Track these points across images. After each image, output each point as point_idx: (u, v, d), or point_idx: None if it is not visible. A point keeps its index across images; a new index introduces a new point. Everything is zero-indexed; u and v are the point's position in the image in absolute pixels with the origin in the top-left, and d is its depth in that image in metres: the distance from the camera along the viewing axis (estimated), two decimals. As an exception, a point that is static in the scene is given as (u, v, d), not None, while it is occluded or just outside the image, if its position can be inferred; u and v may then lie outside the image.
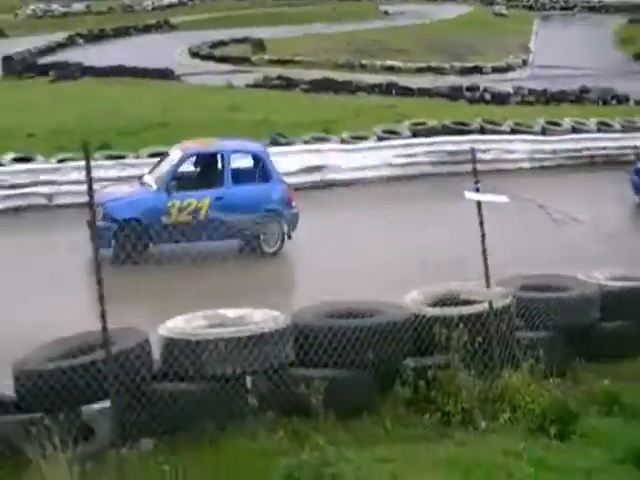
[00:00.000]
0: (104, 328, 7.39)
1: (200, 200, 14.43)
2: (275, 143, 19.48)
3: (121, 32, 51.29)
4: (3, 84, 31.77)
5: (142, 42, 47.59)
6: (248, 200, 14.58)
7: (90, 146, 17.27)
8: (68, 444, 7.22)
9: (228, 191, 14.64)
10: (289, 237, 14.85)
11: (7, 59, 36.38)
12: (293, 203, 15.03)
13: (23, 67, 35.80)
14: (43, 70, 34.49)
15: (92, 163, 16.45)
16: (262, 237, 14.68)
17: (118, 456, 7.45)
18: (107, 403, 7.61)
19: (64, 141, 20.50)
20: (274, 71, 34.55)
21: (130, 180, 16.17)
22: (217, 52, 43.49)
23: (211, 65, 39.54)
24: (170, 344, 7.97)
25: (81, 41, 48.07)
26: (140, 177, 15.58)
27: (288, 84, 31.65)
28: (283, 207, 14.90)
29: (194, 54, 43.24)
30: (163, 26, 54.95)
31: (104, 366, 7.43)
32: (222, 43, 45.52)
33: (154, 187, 14.65)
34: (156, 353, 8.10)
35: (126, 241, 13.85)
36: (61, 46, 45.60)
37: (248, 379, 8.16)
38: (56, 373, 7.57)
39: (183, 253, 13.79)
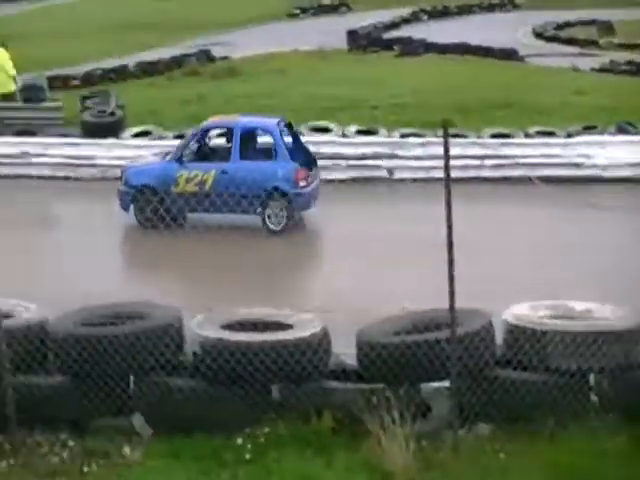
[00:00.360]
0: (451, 307, 7.35)
1: (206, 172, 14.85)
2: (623, 131, 18.63)
3: (464, 10, 51.20)
4: (349, 57, 32.62)
5: (483, 20, 47.30)
6: (252, 176, 14.54)
7: (432, 124, 17.65)
8: (406, 419, 7.27)
9: (233, 165, 14.81)
10: (293, 217, 14.79)
11: (352, 33, 37.27)
12: (301, 183, 14.81)
13: (368, 41, 36.59)
14: (387, 45, 35.11)
15: (433, 139, 16.64)
16: (267, 215, 14.69)
17: (454, 437, 7.41)
18: (446, 383, 7.58)
19: (406, 115, 20.79)
20: (623, 56, 33.12)
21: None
22: (563, 34, 42.38)
23: (555, 47, 38.59)
24: (515, 331, 7.78)
25: (425, 17, 48.51)
26: None
27: (638, 70, 30.16)
28: (289, 186, 14.68)
29: (538, 35, 42.35)
30: (507, 5, 54.25)
31: (448, 346, 7.40)
32: (568, 24, 44.32)
33: (169, 158, 15.38)
34: (498, 338, 7.95)
35: (144, 206, 14.72)
36: (405, 21, 46.22)
37: (592, 376, 7.83)
38: (400, 347, 7.60)
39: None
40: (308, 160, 15.39)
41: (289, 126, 15.65)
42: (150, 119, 20.72)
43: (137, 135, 19.45)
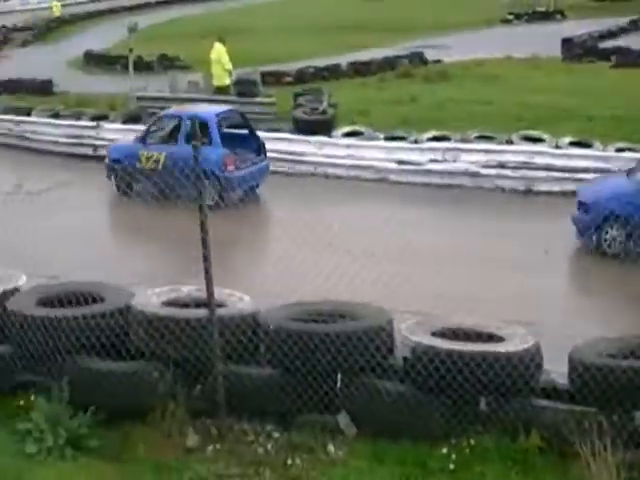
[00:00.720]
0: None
1: (159, 153, 17.34)
2: None
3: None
4: (562, 66, 31.88)
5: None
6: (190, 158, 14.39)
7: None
8: (618, 447, 7.00)
9: (178, 149, 16.65)
10: (221, 199, 16.20)
11: (567, 41, 36.41)
12: (229, 167, 16.70)
13: (583, 50, 35.67)
14: (604, 55, 34.10)
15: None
16: None
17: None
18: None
19: (622, 128, 20.09)
20: None
21: None
22: None
23: None
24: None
25: (644, 28, 46.87)
26: None
27: None
28: (218, 169, 16.48)
29: None
30: None
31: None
32: None
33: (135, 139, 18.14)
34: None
35: (120, 176, 17.70)
36: (623, 31, 44.78)
37: None
38: (616, 371, 7.33)
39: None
40: (256, 150, 17.62)
41: (244, 119, 17.96)
42: (360, 119, 20.90)
43: (347, 134, 19.64)
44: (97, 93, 27.86)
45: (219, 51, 23.03)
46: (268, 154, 17.75)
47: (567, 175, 17.27)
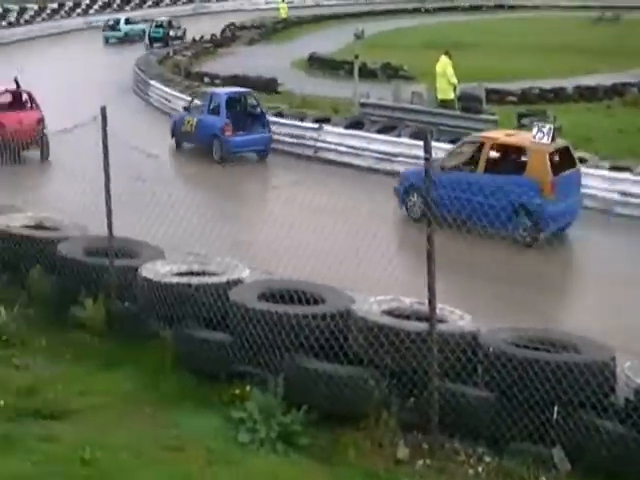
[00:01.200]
0: None
1: (192, 119, 23.25)
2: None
3: None
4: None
5: None
6: (205, 125, 22.81)
7: None
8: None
9: (202, 117, 23.07)
10: (228, 155, 22.04)
11: None
12: (227, 133, 22.06)
13: None
14: None
15: None
16: (214, 149, 22.37)
17: None
18: None
19: None
20: None
21: None
22: None
23: None
24: None
25: None
26: None
27: None
28: (220, 133, 22.14)
29: None
30: None
31: None
32: None
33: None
34: None
35: (179, 138, 24.06)
36: None
37: None
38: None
39: None
40: (262, 125, 22.64)
41: (257, 101, 23.41)
42: (585, 146, 20.38)
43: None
44: (320, 95, 28.42)
45: (445, 64, 22.99)
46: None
47: None
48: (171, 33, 51.53)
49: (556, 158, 16.07)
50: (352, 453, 7.52)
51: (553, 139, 15.84)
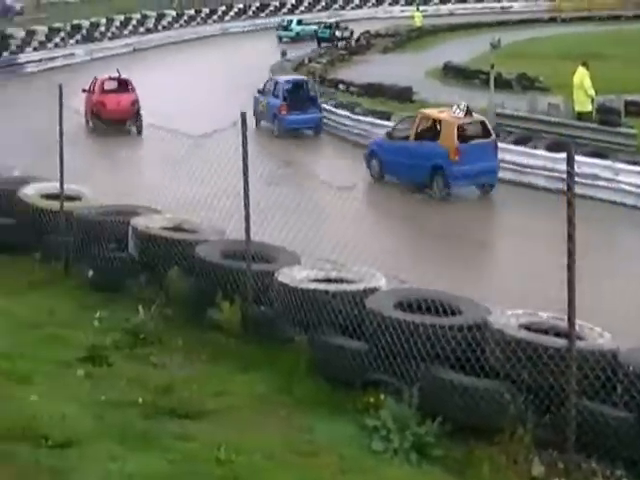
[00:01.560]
0: None
1: (264, 100, 28.23)
2: None
3: None
4: None
5: None
6: (271, 105, 28.04)
7: None
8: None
9: (269, 99, 28.19)
10: (282, 130, 27.60)
11: None
12: (282, 112, 27.29)
13: None
14: None
15: None
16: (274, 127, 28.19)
17: None
18: None
19: None
20: None
21: None
22: None
23: None
24: None
25: None
26: None
27: None
28: (278, 112, 27.56)
29: None
30: None
31: None
32: None
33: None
34: None
35: (258, 116, 28.94)
36: None
37: None
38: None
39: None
40: (315, 107, 27.85)
41: (312, 87, 29.05)
42: None
43: None
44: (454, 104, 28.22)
45: (582, 75, 22.60)
46: (628, 188, 17.40)
47: None
48: (337, 34, 55.76)
49: (468, 129, 20.28)
50: (486, 467, 7.44)
51: (468, 114, 20.05)
